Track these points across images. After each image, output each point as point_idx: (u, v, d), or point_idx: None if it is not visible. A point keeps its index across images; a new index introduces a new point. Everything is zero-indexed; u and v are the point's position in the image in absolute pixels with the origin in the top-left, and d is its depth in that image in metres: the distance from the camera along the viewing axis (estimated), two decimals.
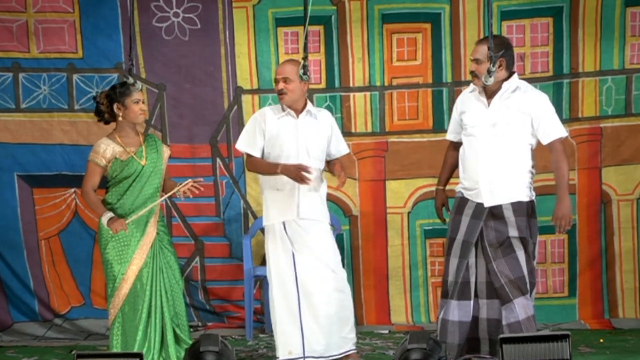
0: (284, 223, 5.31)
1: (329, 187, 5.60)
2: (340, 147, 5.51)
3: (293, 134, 5.30)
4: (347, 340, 5.35)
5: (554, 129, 5.13)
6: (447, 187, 5.48)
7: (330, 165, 5.46)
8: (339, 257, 5.44)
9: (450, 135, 5.39)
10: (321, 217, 5.37)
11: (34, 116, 6.69)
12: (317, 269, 5.27)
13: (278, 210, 5.34)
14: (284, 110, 5.35)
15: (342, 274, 5.40)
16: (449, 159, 5.40)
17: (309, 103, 5.41)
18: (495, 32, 6.43)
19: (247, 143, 5.38)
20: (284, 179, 5.26)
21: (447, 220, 5.41)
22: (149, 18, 6.66)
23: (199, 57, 6.71)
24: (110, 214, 5.19)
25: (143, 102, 5.34)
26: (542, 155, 5.98)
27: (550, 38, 6.60)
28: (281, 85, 5.28)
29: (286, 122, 5.33)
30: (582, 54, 6.57)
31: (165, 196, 5.39)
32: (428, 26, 6.66)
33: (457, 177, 5.36)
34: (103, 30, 6.65)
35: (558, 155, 5.12)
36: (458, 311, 5.11)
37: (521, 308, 5.02)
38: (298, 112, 5.34)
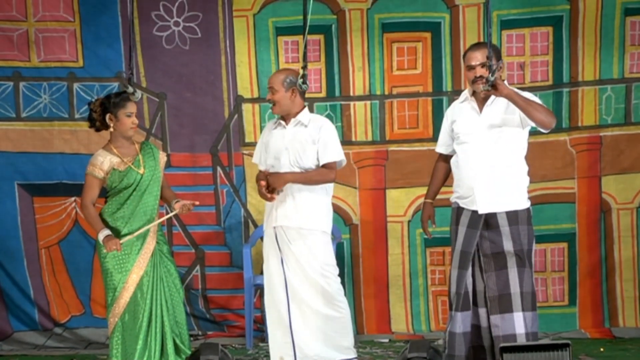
0: (274, 229, 5.32)
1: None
2: (321, 155, 5.26)
3: (280, 143, 5.31)
4: (345, 349, 5.33)
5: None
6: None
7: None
8: (330, 267, 5.31)
9: (440, 148, 5.34)
10: (305, 225, 5.27)
11: (35, 125, 6.70)
12: (304, 280, 5.26)
13: (267, 217, 5.38)
14: (280, 120, 5.39)
15: (332, 287, 5.27)
16: (438, 173, 5.36)
17: (303, 112, 5.34)
18: (495, 41, 6.46)
19: (256, 158, 5.51)
20: None
21: (432, 234, 5.44)
22: (149, 27, 6.67)
23: (200, 66, 6.72)
24: (106, 232, 5.16)
25: (136, 116, 5.27)
26: (541, 164, 6.00)
27: (550, 47, 6.62)
28: (269, 95, 5.32)
29: (277, 132, 5.36)
30: (581, 63, 6.58)
31: (159, 220, 5.34)
32: (428, 35, 6.68)
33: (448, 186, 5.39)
34: (104, 39, 6.66)
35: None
36: (462, 323, 5.09)
37: (504, 323, 4.96)
38: (289, 121, 5.35)
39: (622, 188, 6.62)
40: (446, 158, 5.32)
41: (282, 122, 5.34)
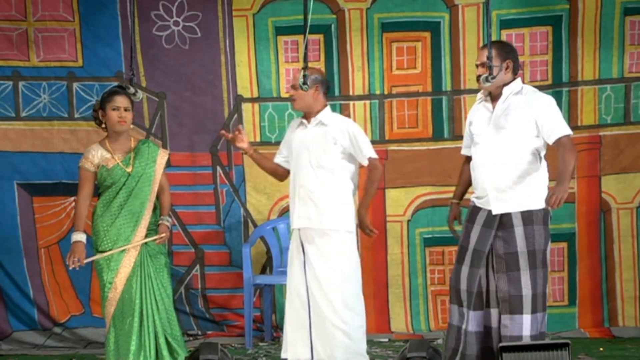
0: (299, 230, 5.28)
1: None
2: (361, 158, 5.30)
3: (302, 143, 5.29)
4: (358, 355, 5.30)
5: (558, 127, 4.90)
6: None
7: None
8: (348, 269, 5.24)
9: (464, 150, 5.28)
10: (325, 226, 5.21)
11: (34, 125, 6.70)
12: (320, 284, 5.22)
13: (292, 218, 5.33)
14: (303, 119, 5.37)
15: (346, 292, 5.22)
16: (463, 175, 5.30)
17: (324, 111, 5.32)
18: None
19: (278, 156, 5.49)
20: (291, 187, 5.32)
21: (460, 234, 5.37)
22: (149, 27, 6.67)
23: (199, 66, 6.72)
24: (79, 237, 5.09)
25: (125, 110, 5.18)
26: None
27: (550, 47, 6.62)
28: (291, 91, 5.34)
29: (299, 132, 5.35)
30: (581, 62, 6.58)
31: (141, 242, 5.21)
32: (427, 35, 6.68)
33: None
34: (103, 39, 6.66)
35: (565, 148, 4.86)
36: (475, 321, 5.04)
37: (512, 325, 4.92)
38: (310, 121, 5.33)
39: (622, 188, 6.62)
40: (469, 159, 5.26)
41: (305, 122, 5.34)
